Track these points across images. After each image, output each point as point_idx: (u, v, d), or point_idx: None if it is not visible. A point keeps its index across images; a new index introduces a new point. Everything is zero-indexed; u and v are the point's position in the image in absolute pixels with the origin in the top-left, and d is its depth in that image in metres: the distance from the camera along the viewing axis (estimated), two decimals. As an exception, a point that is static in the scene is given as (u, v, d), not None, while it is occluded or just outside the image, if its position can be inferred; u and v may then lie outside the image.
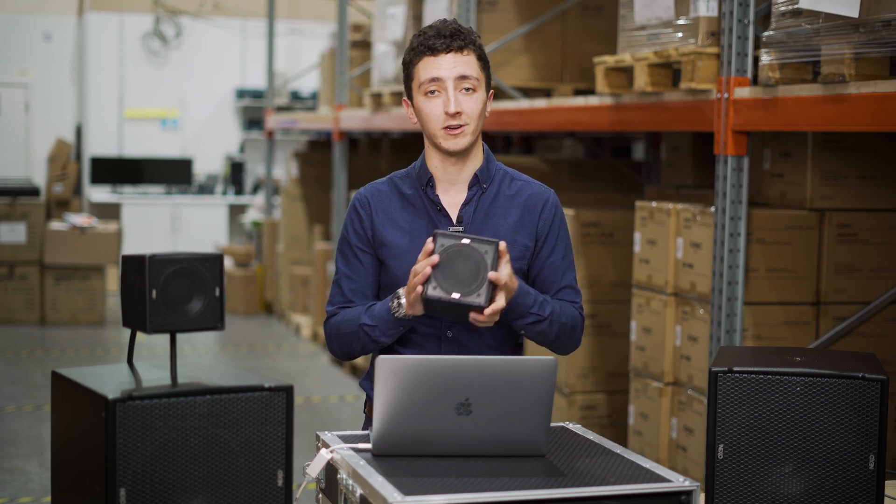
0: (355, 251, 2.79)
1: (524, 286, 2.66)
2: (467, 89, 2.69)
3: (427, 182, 2.76)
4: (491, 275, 2.51)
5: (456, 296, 2.51)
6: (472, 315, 2.54)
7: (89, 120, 13.23)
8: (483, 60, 2.74)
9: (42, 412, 6.91)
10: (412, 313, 2.62)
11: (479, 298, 2.50)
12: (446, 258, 2.52)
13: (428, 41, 2.69)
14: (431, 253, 2.52)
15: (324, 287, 9.17)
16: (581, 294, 2.84)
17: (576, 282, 2.84)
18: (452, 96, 2.67)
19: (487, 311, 2.52)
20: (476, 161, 2.78)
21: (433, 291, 2.52)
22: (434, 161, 2.77)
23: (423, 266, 2.52)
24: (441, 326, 2.74)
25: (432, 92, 2.69)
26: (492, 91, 2.79)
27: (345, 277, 2.80)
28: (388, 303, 2.67)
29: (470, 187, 2.77)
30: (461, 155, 2.74)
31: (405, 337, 2.76)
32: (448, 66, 2.68)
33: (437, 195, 2.76)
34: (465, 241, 2.53)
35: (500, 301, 2.54)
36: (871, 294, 4.35)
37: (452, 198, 2.77)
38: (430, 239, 2.54)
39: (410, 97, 2.76)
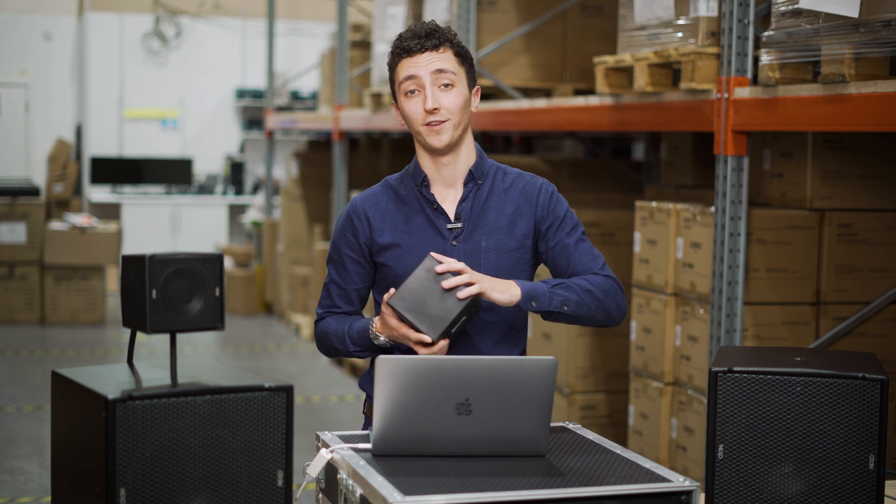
0: (344, 259, 2.83)
1: (525, 283, 2.67)
2: (445, 85, 2.71)
3: (422, 181, 2.78)
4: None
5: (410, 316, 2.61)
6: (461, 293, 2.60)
7: (89, 120, 13.23)
8: (462, 57, 2.75)
9: (42, 412, 6.91)
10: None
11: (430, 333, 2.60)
12: (412, 304, 2.61)
13: (403, 43, 2.73)
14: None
15: (324, 287, 9.16)
16: (602, 258, 2.83)
17: (594, 249, 2.83)
18: (430, 93, 2.69)
19: (462, 293, 2.59)
20: (468, 158, 2.80)
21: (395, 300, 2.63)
22: (426, 161, 2.79)
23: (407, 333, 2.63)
24: None
25: (412, 91, 2.72)
26: (477, 87, 2.80)
27: (333, 283, 2.87)
28: (367, 328, 2.75)
29: (465, 184, 2.79)
30: (450, 152, 2.76)
31: None
32: (423, 63, 2.70)
33: (433, 194, 2.78)
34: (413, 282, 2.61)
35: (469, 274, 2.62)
36: (871, 294, 4.35)
37: (448, 195, 2.80)
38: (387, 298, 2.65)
39: (395, 99, 2.80)
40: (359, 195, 2.86)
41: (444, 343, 2.61)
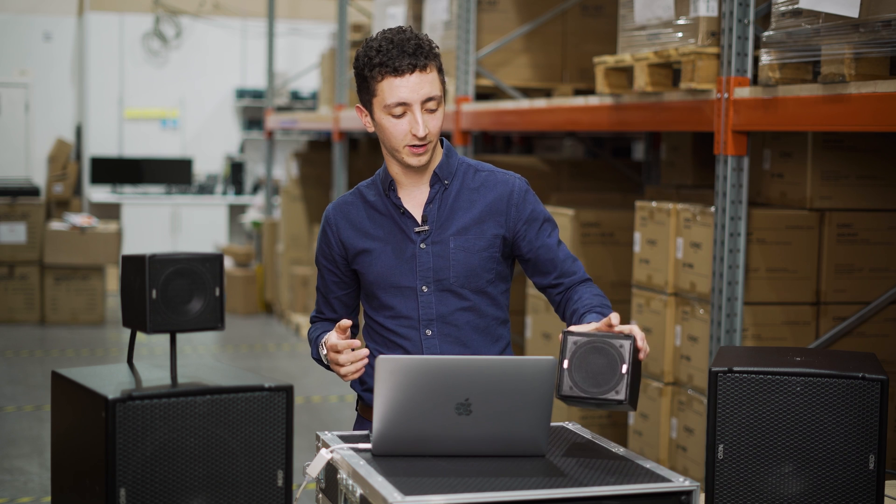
0: (321, 268, 2.90)
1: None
2: (431, 110, 2.68)
3: (389, 186, 2.78)
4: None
5: (594, 391, 2.42)
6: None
7: (89, 120, 13.23)
8: (441, 72, 2.72)
9: (42, 412, 6.91)
10: None
11: (617, 395, 2.40)
12: (580, 355, 2.43)
13: (392, 61, 2.63)
14: (562, 358, 2.44)
15: (324, 287, 9.17)
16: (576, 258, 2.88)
17: (567, 248, 2.88)
18: (420, 120, 2.65)
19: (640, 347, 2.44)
20: (435, 159, 2.79)
21: (570, 391, 2.44)
22: (395, 168, 2.79)
23: (348, 357, 2.65)
24: (419, 327, 2.76)
25: (399, 115, 2.66)
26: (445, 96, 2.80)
27: (318, 290, 2.95)
28: (319, 350, 2.80)
29: (431, 185, 2.78)
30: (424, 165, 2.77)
31: (387, 340, 2.80)
32: (414, 87, 2.64)
33: (399, 198, 2.78)
34: (599, 338, 2.42)
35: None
36: (871, 294, 4.35)
37: (416, 198, 2.79)
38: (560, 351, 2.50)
39: (368, 109, 2.73)
40: (331, 204, 2.88)
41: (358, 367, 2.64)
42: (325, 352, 2.74)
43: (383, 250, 2.77)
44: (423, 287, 2.74)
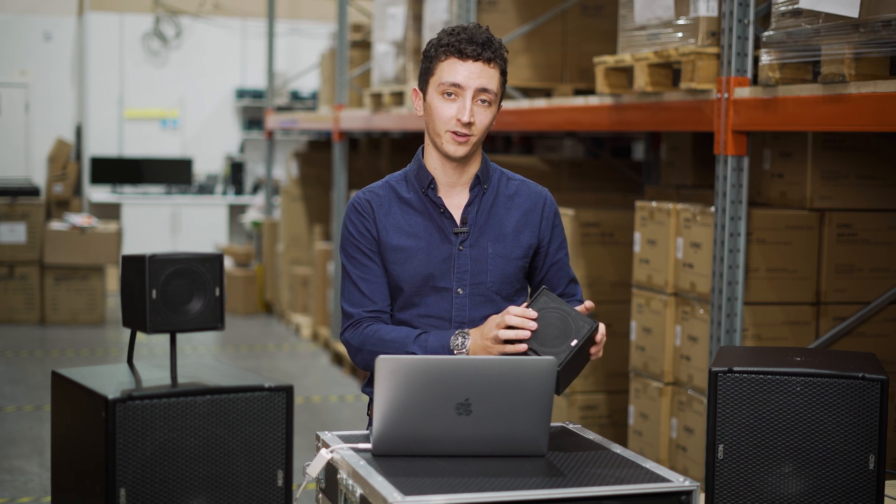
0: (364, 251, 2.76)
1: None
2: (483, 101, 2.70)
3: (429, 184, 2.77)
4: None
5: (535, 344, 2.54)
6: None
7: (89, 120, 13.23)
8: (504, 76, 2.75)
9: (42, 412, 6.91)
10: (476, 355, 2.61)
11: (556, 359, 2.48)
12: (542, 315, 2.54)
13: (460, 44, 2.68)
14: (528, 307, 2.55)
15: (324, 287, 9.17)
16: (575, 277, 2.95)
17: (571, 268, 2.95)
18: (468, 106, 2.67)
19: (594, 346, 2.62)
20: (475, 164, 2.80)
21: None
22: (434, 163, 2.78)
23: (521, 322, 2.53)
24: (450, 328, 2.74)
25: (449, 94, 2.69)
26: (501, 105, 2.80)
27: (360, 279, 2.76)
28: (448, 337, 2.65)
29: (471, 189, 2.79)
30: (461, 160, 2.75)
31: (416, 306, 2.77)
32: (473, 74, 2.67)
33: (440, 197, 2.77)
34: (568, 310, 2.55)
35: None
36: (871, 294, 4.35)
37: (454, 199, 2.79)
38: (529, 299, 2.58)
39: (424, 90, 2.76)
40: (360, 192, 2.82)
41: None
42: (467, 343, 2.61)
43: (420, 249, 2.74)
44: (459, 289, 2.74)
